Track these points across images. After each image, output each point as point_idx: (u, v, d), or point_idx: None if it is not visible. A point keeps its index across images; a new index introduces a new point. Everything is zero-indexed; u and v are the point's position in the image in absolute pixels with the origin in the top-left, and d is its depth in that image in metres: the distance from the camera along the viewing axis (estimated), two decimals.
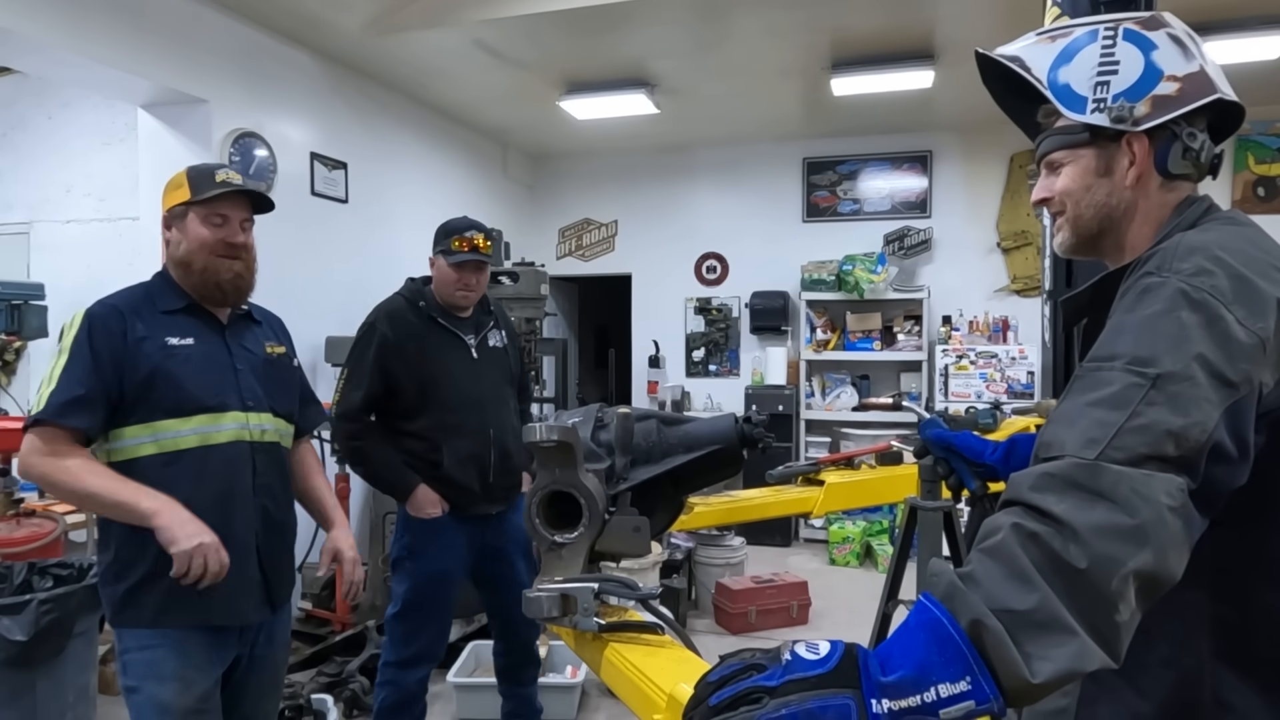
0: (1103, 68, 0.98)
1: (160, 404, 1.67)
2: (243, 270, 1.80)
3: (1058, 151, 1.03)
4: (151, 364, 1.67)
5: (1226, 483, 0.79)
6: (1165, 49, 0.98)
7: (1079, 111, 0.99)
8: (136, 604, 1.67)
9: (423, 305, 2.55)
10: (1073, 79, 0.99)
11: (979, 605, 0.69)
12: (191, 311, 1.77)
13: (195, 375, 1.71)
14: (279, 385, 1.88)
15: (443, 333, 2.55)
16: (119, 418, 1.66)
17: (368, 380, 2.47)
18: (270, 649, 1.87)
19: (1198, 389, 0.78)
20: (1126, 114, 0.97)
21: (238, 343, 1.83)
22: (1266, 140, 5.47)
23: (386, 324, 2.51)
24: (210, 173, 1.77)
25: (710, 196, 6.55)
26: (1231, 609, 0.88)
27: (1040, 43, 1.03)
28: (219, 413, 1.73)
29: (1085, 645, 0.67)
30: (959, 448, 1.48)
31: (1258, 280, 0.85)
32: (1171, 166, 0.99)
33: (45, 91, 4.96)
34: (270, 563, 1.81)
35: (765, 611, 4.15)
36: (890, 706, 0.68)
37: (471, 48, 4.41)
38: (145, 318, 1.71)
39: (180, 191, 1.75)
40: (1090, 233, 1.04)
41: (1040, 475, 0.76)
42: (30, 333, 4.23)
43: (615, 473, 1.29)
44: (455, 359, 2.54)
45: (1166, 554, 0.72)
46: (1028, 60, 1.02)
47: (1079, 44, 1.00)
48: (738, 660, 0.77)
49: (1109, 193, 1.01)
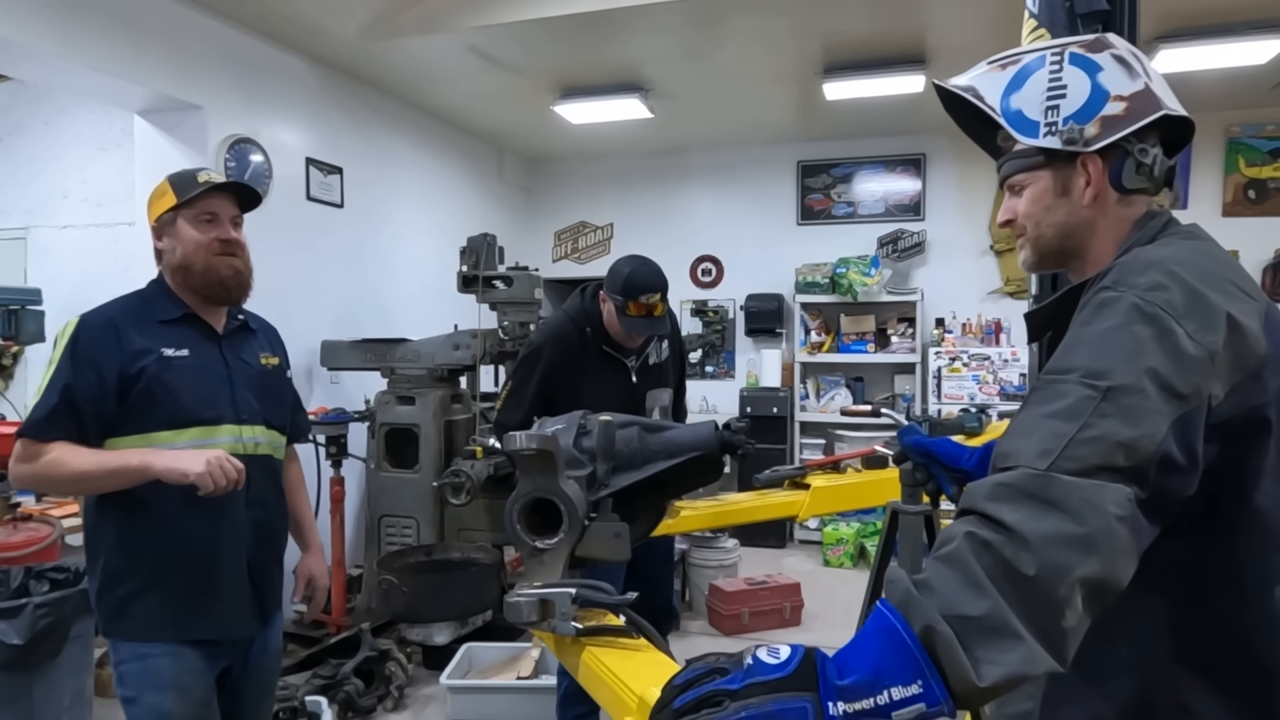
0: (1051, 92, 1.01)
1: (156, 416, 1.66)
2: (241, 267, 1.79)
3: (1017, 175, 1.07)
4: (148, 377, 1.65)
5: (1177, 492, 0.82)
6: (1110, 70, 1.01)
7: (1032, 136, 1.02)
8: (126, 616, 1.67)
9: (589, 331, 2.55)
10: (1024, 105, 1.03)
11: (931, 612, 0.71)
12: (188, 322, 1.76)
13: (191, 388, 1.70)
14: (272, 397, 1.88)
15: (604, 358, 2.57)
16: (113, 428, 1.65)
17: (528, 403, 2.50)
18: (264, 656, 1.87)
19: (1148, 401, 0.80)
20: (1077, 136, 1.00)
21: (234, 354, 1.81)
22: (1257, 143, 5.50)
23: (552, 349, 2.55)
24: (191, 176, 1.77)
25: (705, 199, 6.58)
26: (1188, 614, 0.91)
27: (991, 71, 1.07)
28: (213, 425, 1.72)
29: (1032, 650, 0.70)
30: (936, 453, 1.50)
31: (1210, 294, 0.87)
32: (1126, 182, 1.02)
33: (42, 98, 4.98)
34: (261, 576, 1.80)
35: (758, 613, 4.18)
36: (845, 709, 0.71)
37: (466, 53, 4.44)
38: (141, 328, 1.69)
39: (165, 199, 1.75)
40: (1051, 250, 1.07)
41: (995, 485, 0.79)
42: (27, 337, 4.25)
43: (597, 479, 1.32)
44: (615, 384, 2.57)
45: (1114, 561, 0.75)
46: (981, 89, 1.06)
47: (1028, 70, 1.04)
48: (702, 664, 0.80)
49: (1068, 212, 1.04)
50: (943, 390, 5.57)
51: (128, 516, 1.66)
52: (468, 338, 3.88)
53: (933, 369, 5.64)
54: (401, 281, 5.16)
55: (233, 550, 1.73)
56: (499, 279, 4.06)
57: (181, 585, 1.68)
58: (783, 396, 5.92)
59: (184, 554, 1.68)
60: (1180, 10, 3.94)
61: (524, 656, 3.34)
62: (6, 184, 5.18)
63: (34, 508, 3.20)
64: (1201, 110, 5.45)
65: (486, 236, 4.09)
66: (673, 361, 2.79)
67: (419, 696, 3.41)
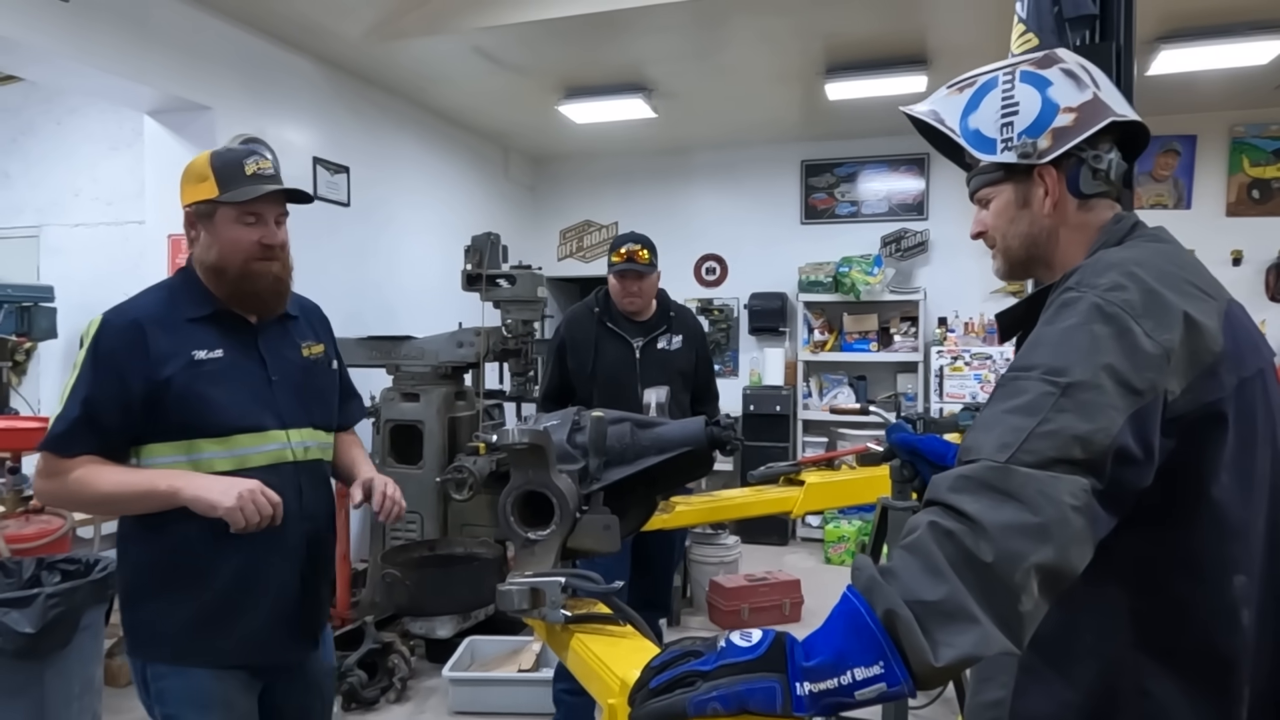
0: (1005, 110, 1.07)
1: (193, 424, 1.49)
2: (280, 272, 1.60)
3: (983, 189, 1.12)
4: (179, 384, 1.48)
5: (1132, 483, 0.85)
6: (1059, 84, 1.05)
7: (990, 153, 1.08)
8: (157, 639, 1.53)
9: (598, 310, 2.92)
10: (981, 124, 1.09)
11: (894, 596, 0.75)
12: (220, 318, 1.57)
13: (227, 394, 1.52)
14: (316, 395, 1.69)
15: (611, 335, 2.89)
16: (153, 434, 1.49)
17: (551, 373, 2.96)
18: (314, 673, 1.71)
19: (1104, 396, 0.84)
20: (1031, 149, 1.05)
21: (272, 350, 1.62)
22: (1261, 143, 5.49)
23: (566, 327, 2.97)
24: (239, 164, 1.54)
25: (709, 198, 6.61)
26: (1149, 602, 0.94)
27: (951, 94, 1.13)
28: (258, 433, 1.55)
29: (987, 632, 0.74)
30: (922, 450, 1.55)
31: (1168, 294, 0.91)
32: (1084, 188, 1.06)
33: (54, 98, 5.05)
34: (311, 597, 1.65)
35: (758, 609, 4.21)
36: (811, 688, 0.75)
37: (471, 54, 4.48)
38: (168, 328, 1.51)
39: (205, 186, 1.52)
40: (1020, 259, 1.12)
41: (957, 477, 0.83)
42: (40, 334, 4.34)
43: (589, 473, 1.35)
44: (618, 359, 2.85)
45: (1068, 549, 0.78)
46: (942, 113, 1.13)
47: (983, 91, 1.09)
48: (679, 647, 0.84)
49: (1030, 222, 1.09)
50: (944, 389, 5.59)
51: (165, 531, 1.50)
52: (471, 335, 3.93)
53: (935, 368, 5.66)
54: (406, 279, 5.21)
55: (283, 569, 1.57)
56: (502, 277, 4.10)
57: (223, 607, 1.52)
58: (785, 395, 5.96)
59: (227, 573, 1.52)
60: (1181, 11, 3.95)
61: (525, 650, 3.39)
62: (20, 183, 5.26)
63: None
64: (1205, 110, 5.46)
65: (490, 235, 4.14)
66: (695, 363, 2.98)
67: (421, 689, 3.46)
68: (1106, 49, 1.95)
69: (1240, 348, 0.94)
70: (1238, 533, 0.93)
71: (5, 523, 2.83)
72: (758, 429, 5.91)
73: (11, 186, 5.28)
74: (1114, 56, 1.95)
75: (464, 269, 4.15)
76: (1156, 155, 5.62)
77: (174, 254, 3.87)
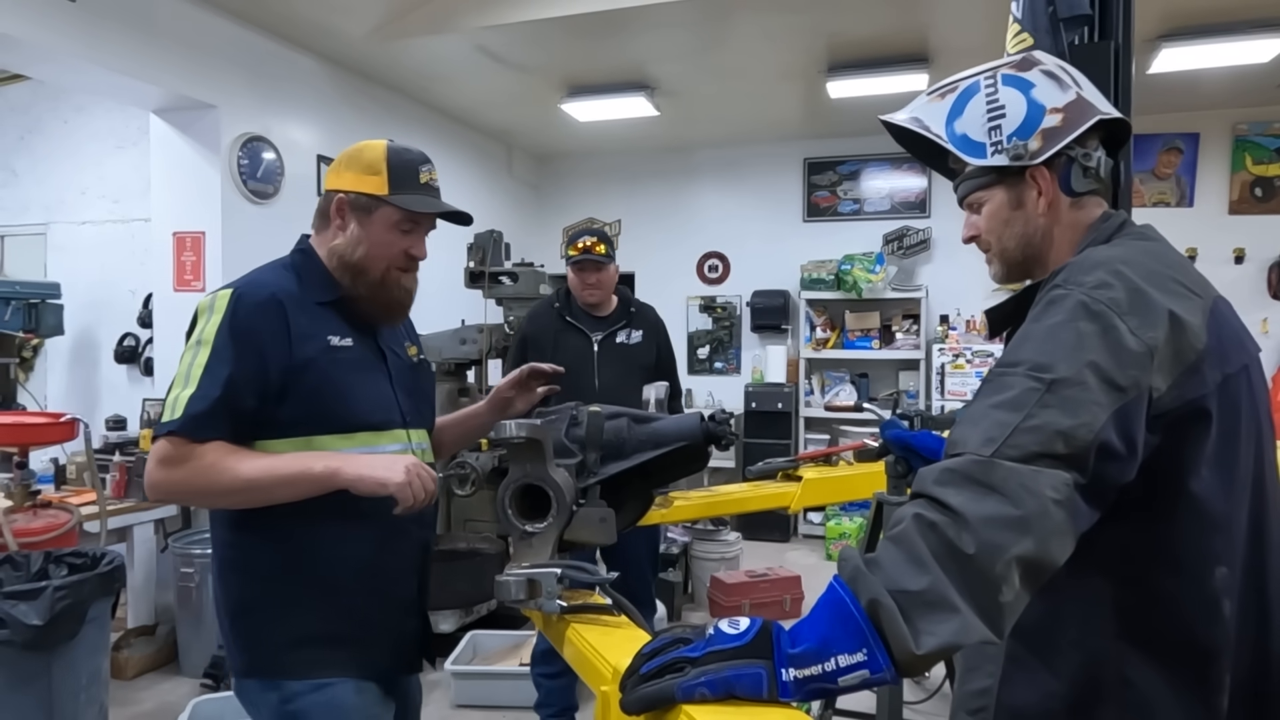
0: (991, 114, 1.07)
1: (324, 417, 1.36)
2: (411, 285, 1.51)
3: (974, 194, 1.12)
4: (318, 370, 1.35)
5: (1115, 478, 0.87)
6: (1042, 85, 1.06)
7: (980, 157, 1.08)
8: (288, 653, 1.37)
9: (557, 305, 2.96)
10: (968, 129, 1.09)
11: (878, 586, 0.77)
12: (343, 305, 1.45)
13: (359, 385, 1.41)
14: (424, 397, 1.61)
15: (570, 329, 2.92)
16: (269, 428, 1.33)
17: (513, 367, 2.86)
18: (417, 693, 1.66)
19: (1088, 393, 0.86)
20: (1023, 151, 1.06)
21: (388, 345, 1.53)
22: (1264, 141, 5.49)
23: (527, 322, 3.04)
24: (415, 168, 1.46)
25: (712, 196, 6.63)
26: (1132, 594, 0.96)
27: (932, 101, 1.13)
28: (381, 430, 1.43)
29: (967, 621, 0.76)
30: (916, 447, 1.57)
31: (1153, 292, 0.92)
32: (1076, 186, 1.07)
33: (61, 97, 5.09)
34: (424, 601, 1.55)
35: (759, 605, 4.23)
36: (796, 674, 0.77)
37: (474, 52, 4.50)
38: (303, 309, 1.39)
39: (374, 180, 1.42)
40: (1017, 261, 1.12)
41: (942, 470, 0.85)
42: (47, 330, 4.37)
43: (586, 467, 1.38)
44: (576, 352, 2.85)
45: (1048, 542, 0.80)
46: (925, 119, 1.12)
47: (966, 96, 1.09)
48: (668, 635, 0.86)
49: (1025, 223, 1.10)
50: (946, 387, 5.60)
51: (288, 532, 1.35)
52: (474, 332, 3.95)
53: (936, 365, 5.68)
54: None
55: (405, 580, 1.48)
56: (504, 275, 4.12)
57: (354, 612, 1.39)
58: (787, 392, 5.97)
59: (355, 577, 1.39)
60: (1182, 9, 3.96)
61: (526, 644, 3.42)
62: (27, 180, 5.30)
63: (53, 495, 3.30)
64: (1208, 108, 5.46)
65: (493, 233, 4.16)
66: (657, 357, 2.97)
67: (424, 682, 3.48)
68: (1105, 48, 1.95)
69: (1224, 344, 0.95)
70: (1219, 526, 0.94)
71: (13, 516, 2.87)
72: (759, 426, 5.93)
73: (19, 184, 5.32)
74: (1113, 55, 1.96)
75: (467, 266, 4.17)
76: (1159, 153, 5.62)
77: (179, 251, 3.91)
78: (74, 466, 3.70)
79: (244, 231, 3.97)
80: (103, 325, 4.95)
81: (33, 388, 5.03)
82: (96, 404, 4.91)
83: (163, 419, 1.28)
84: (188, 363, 1.31)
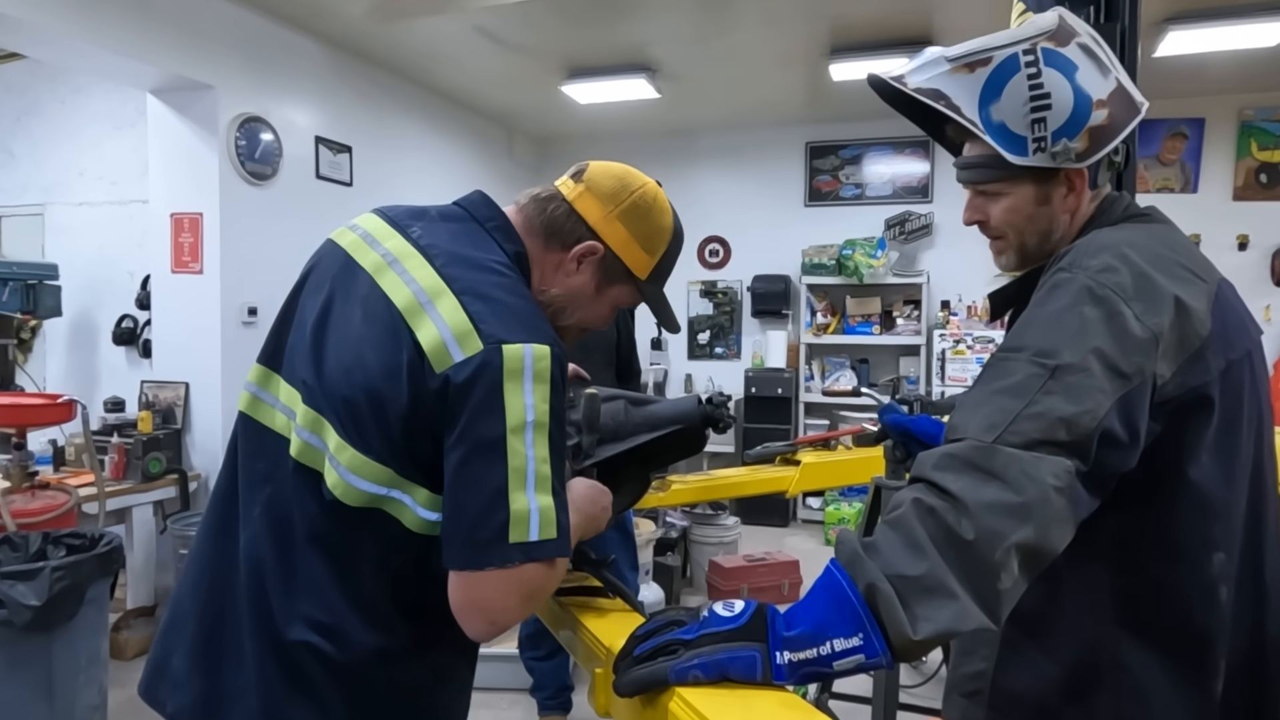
0: (1035, 102, 0.96)
1: None
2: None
3: (996, 184, 1.03)
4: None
5: (1116, 466, 0.86)
6: (1085, 68, 0.97)
7: (1021, 154, 0.98)
8: None
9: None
10: (1006, 118, 0.97)
11: (875, 571, 0.77)
12: None
13: None
14: None
15: None
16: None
17: None
18: None
19: (1092, 379, 0.84)
20: (1070, 154, 0.97)
21: None
22: (1270, 126, 5.45)
23: None
24: (673, 262, 1.21)
25: (713, 180, 6.59)
26: (1130, 580, 0.95)
27: (957, 72, 0.99)
28: None
29: (965, 607, 0.75)
30: (914, 431, 1.56)
31: (1159, 277, 0.91)
32: (1100, 181, 1.05)
33: (58, 77, 5.05)
34: None
35: (757, 589, 4.24)
36: (791, 658, 0.77)
37: (474, 34, 4.46)
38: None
39: (644, 259, 1.14)
40: (1035, 253, 1.07)
41: (942, 455, 0.84)
42: (45, 312, 4.36)
43: (582, 450, 1.37)
44: None
45: (1048, 529, 0.79)
46: (952, 96, 0.99)
47: (1004, 75, 0.97)
48: (662, 617, 0.86)
49: (1050, 218, 1.04)
50: (947, 372, 5.59)
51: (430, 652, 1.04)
52: None
53: (937, 351, 5.66)
54: None
55: None
56: None
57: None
58: (788, 377, 5.96)
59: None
60: None
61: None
62: (25, 162, 5.27)
63: (51, 476, 3.30)
64: (1214, 93, 5.41)
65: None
66: (618, 340, 2.86)
67: None
68: (1111, 30, 1.93)
69: (1228, 330, 0.94)
70: (1218, 512, 0.94)
71: (11, 497, 2.87)
72: (759, 411, 5.92)
73: (16, 165, 5.29)
74: (1119, 38, 1.93)
75: None
76: (1164, 139, 5.58)
77: (176, 233, 3.89)
78: (72, 448, 3.71)
79: (242, 213, 3.95)
80: (101, 307, 4.93)
81: (31, 369, 5.03)
82: (95, 386, 4.91)
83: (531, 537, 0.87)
84: (525, 454, 0.89)
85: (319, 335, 0.98)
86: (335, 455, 0.92)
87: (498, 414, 0.88)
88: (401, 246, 1.01)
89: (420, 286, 0.94)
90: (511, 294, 0.98)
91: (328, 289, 1.01)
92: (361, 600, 0.94)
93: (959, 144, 1.09)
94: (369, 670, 0.94)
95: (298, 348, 1.01)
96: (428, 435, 0.90)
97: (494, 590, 0.87)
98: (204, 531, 1.05)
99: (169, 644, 1.02)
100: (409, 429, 0.90)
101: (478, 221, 1.12)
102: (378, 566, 0.94)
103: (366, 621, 0.94)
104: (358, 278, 1.00)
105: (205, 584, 1.01)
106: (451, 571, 0.88)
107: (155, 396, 3.92)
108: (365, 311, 0.96)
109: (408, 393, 0.90)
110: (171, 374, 3.95)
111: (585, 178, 1.13)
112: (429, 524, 0.92)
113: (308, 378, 0.97)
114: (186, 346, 3.91)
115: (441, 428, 0.89)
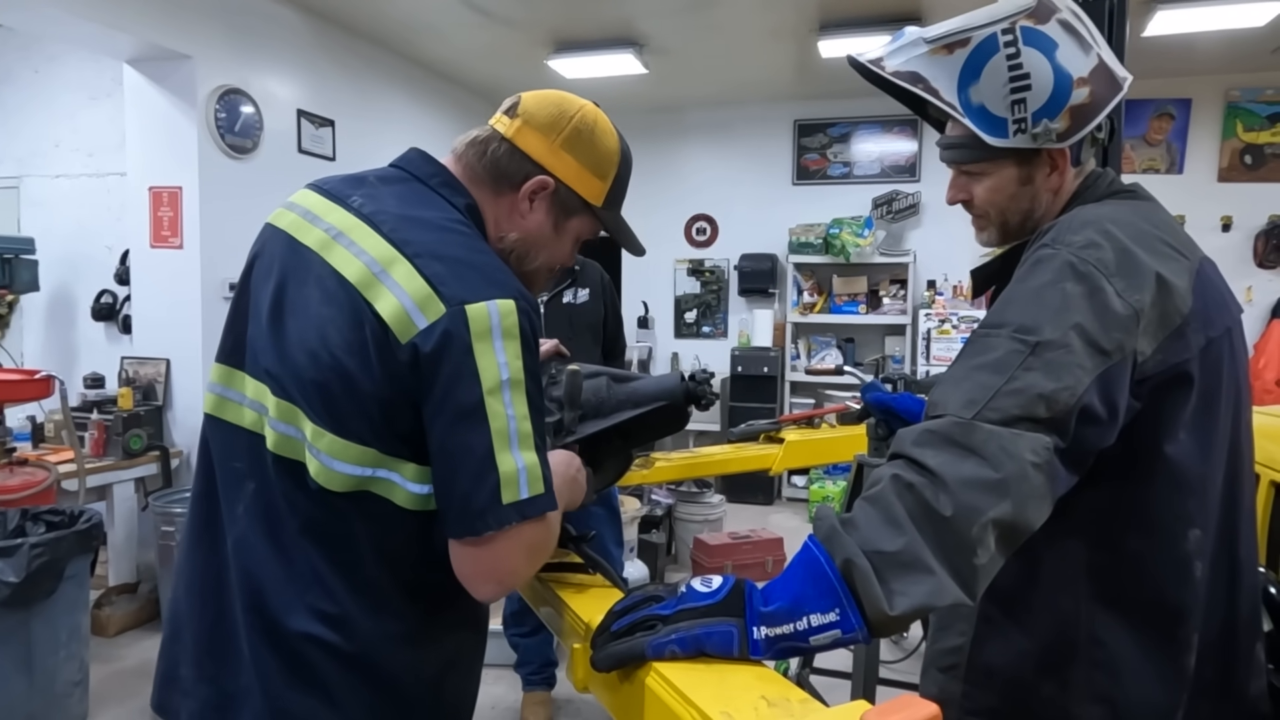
0: (1014, 83, 0.96)
1: None
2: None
3: (977, 164, 1.04)
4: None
5: (1095, 442, 0.86)
6: (1065, 45, 0.96)
7: (1001, 136, 0.98)
8: None
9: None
10: (986, 99, 0.97)
11: (852, 546, 0.77)
12: None
13: None
14: None
15: None
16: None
17: None
18: None
19: (1072, 356, 0.84)
20: (1051, 135, 0.97)
21: None
22: (1256, 108, 5.46)
23: None
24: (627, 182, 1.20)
25: (700, 158, 6.55)
26: (1105, 556, 0.96)
27: (935, 53, 0.99)
28: None
29: (941, 583, 0.75)
30: (897, 409, 1.56)
31: (1141, 254, 0.91)
32: (1083, 158, 1.04)
33: (31, 45, 4.93)
34: None
35: (741, 566, 4.27)
36: (768, 633, 0.77)
37: (458, 4, 4.39)
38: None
39: (595, 185, 1.12)
40: (1016, 230, 1.07)
41: (922, 432, 0.84)
42: (21, 286, 4.29)
43: (564, 426, 1.36)
44: None
45: (1025, 505, 0.79)
46: (931, 78, 0.99)
47: (982, 56, 0.97)
48: (641, 593, 0.85)
49: (1033, 197, 1.04)
50: (932, 352, 5.62)
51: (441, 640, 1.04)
52: None
53: (923, 331, 5.68)
54: None
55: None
56: None
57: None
58: (774, 356, 5.97)
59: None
60: None
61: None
62: None
63: (30, 453, 3.27)
64: (1200, 74, 5.41)
65: None
66: (604, 316, 2.89)
67: None
68: (1100, 7, 1.92)
69: (1209, 307, 0.94)
70: (1194, 489, 0.94)
71: None
72: (745, 390, 5.94)
73: None
74: (1107, 17, 1.93)
75: None
76: (1150, 119, 5.59)
77: (155, 207, 3.82)
78: (52, 425, 3.67)
79: (222, 187, 3.89)
80: (79, 282, 4.86)
81: (9, 345, 4.96)
82: (74, 362, 4.84)
83: (522, 495, 0.87)
84: (505, 416, 0.87)
85: (276, 323, 0.95)
86: (314, 443, 0.89)
87: (472, 378, 0.86)
88: (344, 219, 0.97)
89: (371, 257, 0.91)
90: (469, 250, 0.95)
91: (277, 274, 0.98)
92: (364, 586, 0.92)
93: (943, 122, 1.08)
94: (377, 657, 0.93)
95: (257, 340, 0.97)
96: (407, 406, 0.88)
97: (499, 553, 0.87)
98: (188, 538, 1.03)
99: (174, 654, 1.02)
100: (387, 404, 0.88)
101: (420, 180, 1.06)
102: (375, 549, 0.92)
103: (371, 607, 0.92)
104: (305, 258, 0.96)
105: (197, 590, 0.99)
106: (452, 541, 0.87)
107: (136, 373, 3.88)
108: (322, 291, 0.92)
109: (378, 368, 0.87)
110: (152, 350, 3.91)
111: (520, 110, 1.06)
112: (421, 498, 0.90)
113: (273, 368, 0.94)
114: (167, 322, 3.87)
115: (419, 397, 0.88)
